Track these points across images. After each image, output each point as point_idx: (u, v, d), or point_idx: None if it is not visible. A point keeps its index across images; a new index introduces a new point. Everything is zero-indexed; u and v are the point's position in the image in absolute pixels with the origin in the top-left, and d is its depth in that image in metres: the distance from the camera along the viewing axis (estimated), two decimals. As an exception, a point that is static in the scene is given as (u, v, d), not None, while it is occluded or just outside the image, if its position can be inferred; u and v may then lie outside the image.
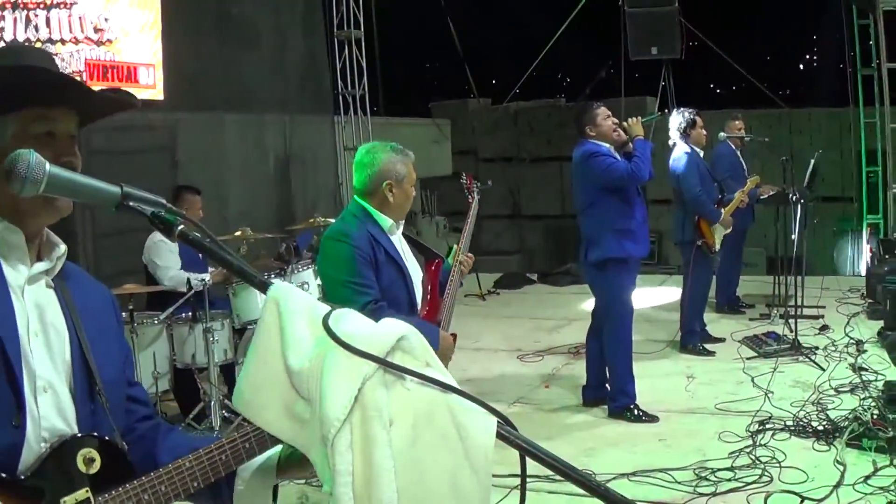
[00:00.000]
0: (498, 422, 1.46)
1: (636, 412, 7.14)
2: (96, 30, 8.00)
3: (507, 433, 1.46)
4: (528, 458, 1.49)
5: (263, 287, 1.59)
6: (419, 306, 4.69)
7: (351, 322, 1.51)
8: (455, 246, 5.09)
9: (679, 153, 9.07)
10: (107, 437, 1.96)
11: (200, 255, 7.79)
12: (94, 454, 1.92)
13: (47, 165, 1.72)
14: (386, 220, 4.56)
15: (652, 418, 7.10)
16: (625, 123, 7.11)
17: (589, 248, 7.14)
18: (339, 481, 1.43)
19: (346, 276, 4.38)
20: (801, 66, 25.07)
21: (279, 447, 2.07)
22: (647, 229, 7.24)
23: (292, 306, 1.54)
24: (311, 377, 1.47)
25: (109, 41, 8.16)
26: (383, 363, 1.45)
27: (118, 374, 2.11)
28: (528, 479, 1.57)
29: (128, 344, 2.50)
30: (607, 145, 7.03)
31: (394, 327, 1.50)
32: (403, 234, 4.73)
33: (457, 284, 4.99)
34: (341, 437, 1.43)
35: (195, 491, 1.98)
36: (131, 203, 1.75)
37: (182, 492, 1.96)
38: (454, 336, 4.89)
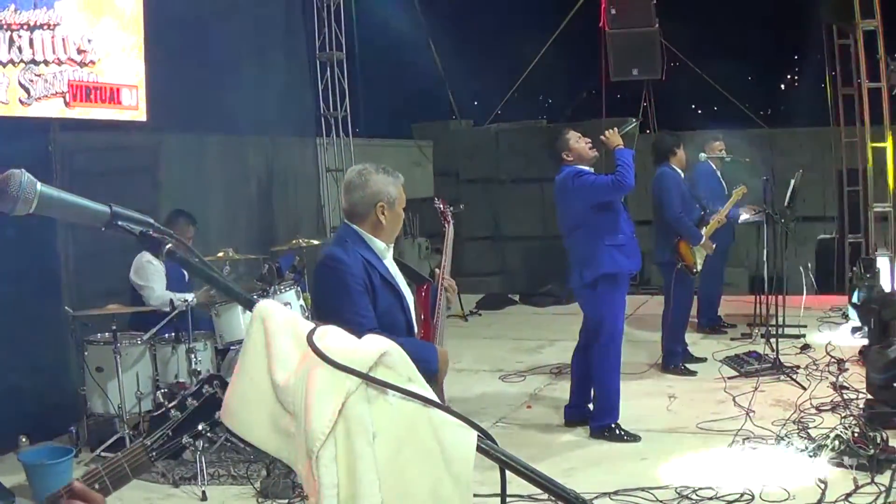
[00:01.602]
0: (478, 435, 1.48)
1: (618, 431, 7.16)
2: (79, 51, 7.99)
3: (487, 447, 1.48)
4: (508, 473, 1.51)
5: (249, 304, 1.61)
6: (416, 329, 4.67)
7: (335, 338, 1.53)
8: (437, 270, 5.06)
9: (660, 174, 9.14)
10: None
11: (187, 276, 7.82)
12: None
13: (38, 185, 1.71)
14: (379, 244, 4.42)
15: (634, 437, 7.12)
16: (602, 137, 7.17)
17: (583, 267, 7.13)
18: (324, 493, 1.46)
19: (340, 304, 4.23)
20: (783, 86, 25.20)
21: None
22: (636, 243, 7.28)
23: (277, 323, 1.56)
24: (296, 392, 1.49)
25: (93, 62, 8.15)
26: (366, 378, 1.47)
27: None
28: (513, 498, 1.59)
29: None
30: (587, 168, 7.09)
31: (377, 343, 1.52)
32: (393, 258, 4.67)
33: (444, 309, 4.98)
34: (326, 451, 1.46)
35: None
36: (120, 222, 1.74)
37: None
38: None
